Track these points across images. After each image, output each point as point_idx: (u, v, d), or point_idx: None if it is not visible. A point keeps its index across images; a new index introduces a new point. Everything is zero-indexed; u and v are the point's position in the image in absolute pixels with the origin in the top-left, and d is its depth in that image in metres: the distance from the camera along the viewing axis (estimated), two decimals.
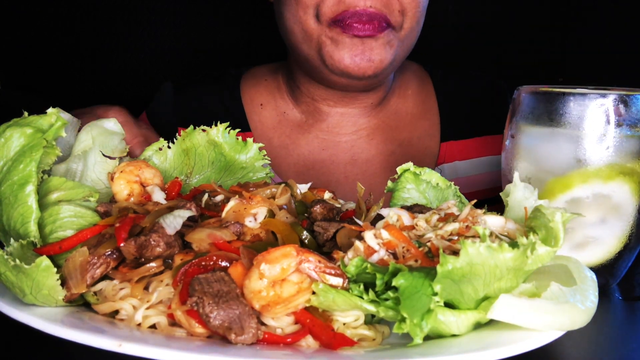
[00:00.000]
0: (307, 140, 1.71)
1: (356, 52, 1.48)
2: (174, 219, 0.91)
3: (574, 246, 1.09)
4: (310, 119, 1.71)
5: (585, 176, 1.07)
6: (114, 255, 0.88)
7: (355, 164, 1.69)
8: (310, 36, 1.52)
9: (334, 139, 1.70)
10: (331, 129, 1.70)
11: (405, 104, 1.79)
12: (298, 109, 1.73)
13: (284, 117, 1.74)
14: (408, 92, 1.81)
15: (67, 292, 0.85)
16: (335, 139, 1.70)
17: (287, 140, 1.72)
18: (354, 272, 0.81)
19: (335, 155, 1.70)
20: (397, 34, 1.53)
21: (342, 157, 1.70)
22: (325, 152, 1.70)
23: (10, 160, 0.93)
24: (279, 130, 1.73)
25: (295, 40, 1.56)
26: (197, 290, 0.80)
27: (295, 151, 1.71)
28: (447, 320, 0.78)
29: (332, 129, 1.70)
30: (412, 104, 1.80)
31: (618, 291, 1.14)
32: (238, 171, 1.19)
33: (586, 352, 0.92)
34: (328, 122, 1.70)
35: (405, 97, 1.80)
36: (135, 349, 0.72)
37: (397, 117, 1.76)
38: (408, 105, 1.79)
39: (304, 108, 1.72)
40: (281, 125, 1.73)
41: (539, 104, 1.10)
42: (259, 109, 1.75)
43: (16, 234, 0.91)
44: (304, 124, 1.72)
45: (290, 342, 0.80)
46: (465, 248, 0.75)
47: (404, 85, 1.81)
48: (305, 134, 1.71)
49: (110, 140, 1.09)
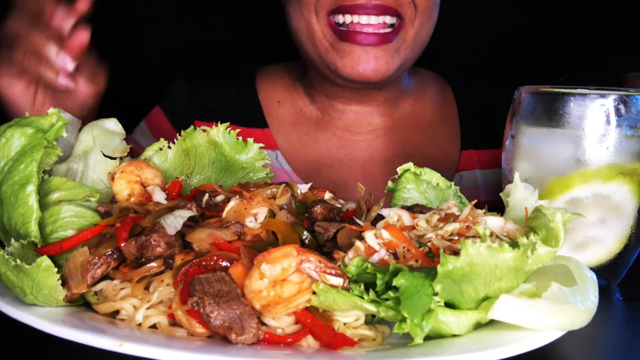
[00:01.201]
0: (325, 138, 1.70)
1: (359, 60, 1.46)
2: (175, 219, 0.91)
3: (574, 246, 1.09)
4: (327, 116, 1.71)
5: (585, 176, 1.07)
6: (115, 255, 0.88)
7: (373, 163, 1.69)
8: (314, 36, 1.51)
9: (351, 137, 1.70)
10: (348, 127, 1.70)
11: (423, 108, 1.78)
12: (314, 107, 1.72)
13: (301, 114, 1.73)
14: (425, 96, 1.80)
15: (67, 292, 0.85)
16: (352, 137, 1.70)
17: (305, 137, 1.71)
18: (355, 272, 0.81)
19: (353, 154, 1.69)
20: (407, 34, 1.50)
21: (359, 155, 1.69)
22: (342, 151, 1.69)
23: (11, 160, 0.93)
24: (297, 127, 1.72)
25: (300, 39, 1.56)
26: (198, 290, 0.80)
27: (313, 148, 1.70)
28: (448, 320, 0.79)
29: (348, 127, 1.70)
30: (430, 109, 1.78)
31: (618, 291, 1.14)
32: (238, 171, 1.20)
33: (586, 352, 0.92)
34: (344, 120, 1.70)
35: (422, 101, 1.79)
36: (136, 349, 0.72)
37: (415, 120, 1.75)
38: (426, 109, 1.78)
39: (320, 105, 1.71)
40: (299, 122, 1.73)
41: (539, 104, 1.10)
42: (277, 105, 1.75)
43: (17, 234, 0.91)
44: (321, 122, 1.71)
45: (291, 342, 0.80)
46: (465, 248, 0.75)
47: (421, 89, 1.80)
48: (323, 131, 1.71)
49: (111, 140, 1.09)
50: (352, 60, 1.46)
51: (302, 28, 1.53)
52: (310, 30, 1.51)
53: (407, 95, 1.76)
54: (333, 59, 1.48)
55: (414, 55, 1.57)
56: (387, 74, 1.48)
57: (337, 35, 1.49)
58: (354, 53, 1.46)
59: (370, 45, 1.46)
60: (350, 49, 1.46)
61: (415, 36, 1.52)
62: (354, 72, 1.47)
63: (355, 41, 1.46)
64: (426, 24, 1.53)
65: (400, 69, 1.54)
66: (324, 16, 1.50)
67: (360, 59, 1.46)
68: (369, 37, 1.46)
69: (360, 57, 1.46)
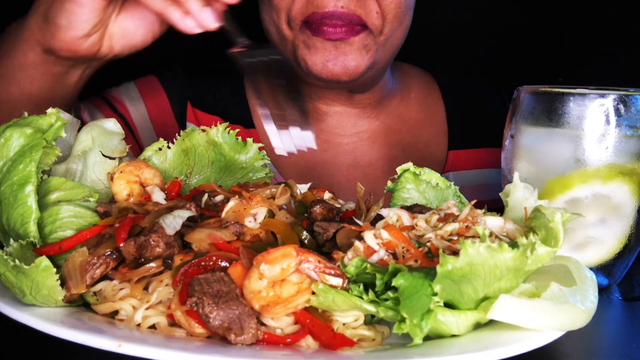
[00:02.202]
0: None
1: (329, 57, 1.44)
2: (174, 219, 0.91)
3: (574, 246, 1.09)
4: (310, 118, 1.70)
5: (584, 176, 1.07)
6: (114, 256, 0.88)
7: (357, 167, 1.67)
8: (285, 39, 1.50)
9: (334, 140, 1.68)
10: (331, 129, 1.69)
11: (409, 109, 1.75)
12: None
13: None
14: (411, 95, 1.77)
15: (66, 292, 0.84)
16: (336, 140, 1.68)
17: None
18: (354, 272, 0.81)
19: (337, 157, 1.68)
20: (376, 39, 1.48)
21: (343, 159, 1.68)
22: (326, 154, 1.68)
23: (9, 161, 0.93)
24: None
25: (273, 41, 1.55)
26: (197, 290, 0.80)
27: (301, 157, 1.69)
28: (447, 321, 0.78)
29: (332, 129, 1.69)
30: (416, 109, 1.76)
31: (618, 291, 1.14)
32: (238, 171, 1.19)
33: (586, 352, 0.92)
34: (328, 122, 1.68)
35: (408, 101, 1.76)
36: (135, 349, 0.72)
37: (400, 121, 1.73)
38: (412, 110, 1.76)
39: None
40: None
41: (539, 104, 1.10)
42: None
43: (16, 234, 0.91)
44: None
45: (290, 343, 0.80)
46: (465, 248, 0.75)
47: (407, 89, 1.77)
48: None
49: (110, 140, 1.09)
50: (323, 56, 1.44)
51: (273, 30, 1.52)
52: (281, 34, 1.51)
53: (394, 95, 1.74)
54: (303, 55, 1.47)
55: (386, 57, 1.55)
56: (357, 71, 1.46)
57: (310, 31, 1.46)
58: (325, 49, 1.44)
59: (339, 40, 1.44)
60: (321, 45, 1.45)
61: (385, 41, 1.50)
62: (323, 70, 1.45)
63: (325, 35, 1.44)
64: (397, 29, 1.51)
65: (372, 69, 1.51)
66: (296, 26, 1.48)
67: (330, 55, 1.44)
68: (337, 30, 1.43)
69: (330, 53, 1.44)
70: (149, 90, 1.67)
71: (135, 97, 1.66)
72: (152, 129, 1.64)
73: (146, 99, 1.66)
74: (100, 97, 1.65)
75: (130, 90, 1.67)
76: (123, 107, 1.63)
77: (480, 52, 2.24)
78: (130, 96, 1.66)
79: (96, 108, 1.61)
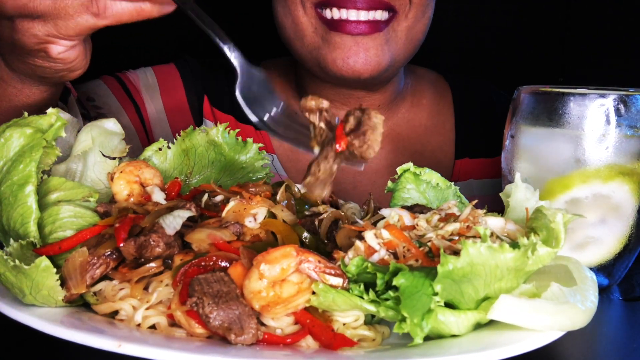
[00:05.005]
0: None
1: (349, 53, 1.40)
2: (174, 219, 0.91)
3: (574, 246, 1.09)
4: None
5: (585, 176, 1.07)
6: (114, 256, 0.88)
7: (363, 173, 1.64)
8: (302, 32, 1.46)
9: None
10: None
11: (419, 115, 1.72)
12: None
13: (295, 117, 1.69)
14: (423, 101, 1.73)
15: (66, 292, 0.84)
16: None
17: None
18: (355, 272, 0.81)
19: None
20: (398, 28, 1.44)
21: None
22: None
23: (10, 161, 0.93)
24: None
25: (289, 36, 1.51)
26: (197, 290, 0.80)
27: (305, 155, 1.67)
28: (448, 321, 0.78)
29: None
30: (426, 116, 1.72)
31: (618, 291, 1.14)
32: (238, 171, 1.19)
33: (586, 352, 0.92)
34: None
35: (419, 106, 1.72)
36: (135, 349, 0.72)
37: (410, 127, 1.70)
38: (422, 116, 1.72)
39: None
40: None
41: (539, 104, 1.10)
42: None
43: (16, 234, 0.91)
44: None
45: (290, 343, 0.80)
46: (466, 248, 0.75)
47: (419, 94, 1.74)
48: None
49: (110, 140, 1.09)
50: (343, 52, 1.41)
51: (290, 24, 1.47)
52: (298, 25, 1.46)
53: (404, 99, 1.70)
54: (323, 54, 1.43)
55: (407, 53, 1.51)
56: (378, 68, 1.43)
57: (327, 26, 1.43)
58: (344, 45, 1.41)
59: (360, 35, 1.40)
60: (340, 40, 1.41)
61: (408, 31, 1.47)
62: (344, 66, 1.42)
63: (345, 30, 1.40)
64: (420, 19, 1.48)
65: (393, 66, 1.48)
66: (311, 8, 1.44)
67: (350, 51, 1.40)
68: (360, 26, 1.40)
69: (351, 49, 1.40)
70: (166, 79, 1.62)
71: (152, 86, 1.61)
72: (165, 120, 1.60)
73: (162, 89, 1.61)
74: (114, 76, 1.59)
75: (149, 77, 1.62)
76: (139, 95, 1.58)
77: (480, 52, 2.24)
78: (148, 84, 1.61)
79: (109, 88, 1.55)
